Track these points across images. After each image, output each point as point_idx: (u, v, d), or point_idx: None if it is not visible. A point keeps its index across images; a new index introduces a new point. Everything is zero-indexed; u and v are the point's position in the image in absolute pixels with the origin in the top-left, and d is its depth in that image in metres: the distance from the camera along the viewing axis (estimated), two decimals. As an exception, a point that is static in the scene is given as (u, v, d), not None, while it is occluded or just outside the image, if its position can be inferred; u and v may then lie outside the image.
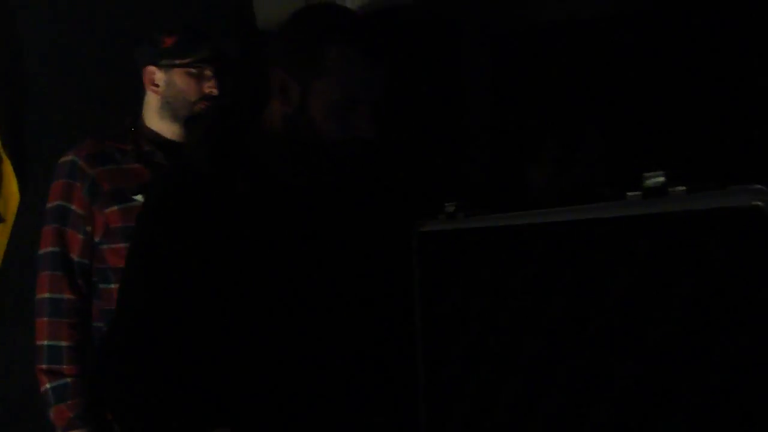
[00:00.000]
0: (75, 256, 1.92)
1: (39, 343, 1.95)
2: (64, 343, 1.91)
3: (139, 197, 1.83)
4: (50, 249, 1.94)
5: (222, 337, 1.52)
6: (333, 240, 1.55)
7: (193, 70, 1.90)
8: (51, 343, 1.93)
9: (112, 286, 1.88)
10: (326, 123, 1.44)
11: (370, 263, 1.57)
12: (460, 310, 1.03)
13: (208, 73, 1.90)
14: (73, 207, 1.92)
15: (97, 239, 1.89)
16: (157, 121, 1.96)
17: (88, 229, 1.90)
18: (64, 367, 1.90)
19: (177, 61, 1.91)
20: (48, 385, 1.92)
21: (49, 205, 1.95)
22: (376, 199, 1.62)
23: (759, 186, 0.70)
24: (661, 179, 0.76)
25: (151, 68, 1.94)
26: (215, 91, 1.89)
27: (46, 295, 1.94)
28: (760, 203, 0.71)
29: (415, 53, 1.90)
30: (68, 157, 1.95)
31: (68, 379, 1.90)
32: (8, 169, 2.27)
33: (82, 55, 2.32)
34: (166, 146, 1.92)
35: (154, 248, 1.54)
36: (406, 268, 1.58)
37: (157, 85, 1.94)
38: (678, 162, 0.80)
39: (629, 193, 0.80)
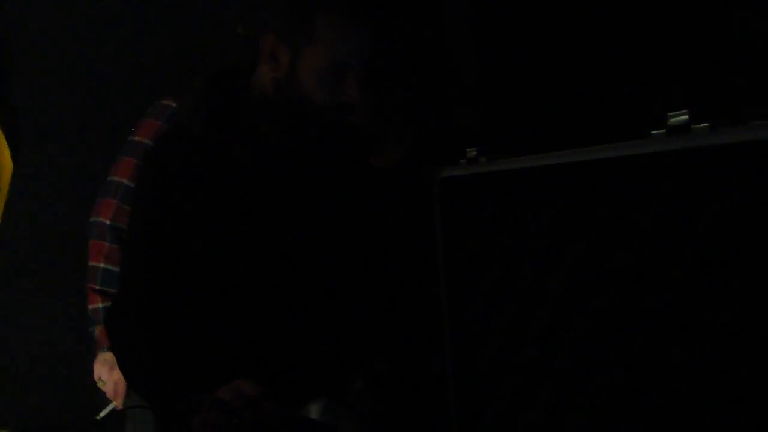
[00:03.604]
0: None
1: (94, 264, 1.99)
2: (118, 269, 1.95)
3: None
4: (125, 181, 1.97)
5: (222, 296, 1.56)
6: (322, 201, 1.59)
7: None
8: (107, 266, 1.97)
9: None
10: (315, 88, 1.48)
11: (358, 225, 1.62)
12: (483, 253, 1.08)
13: None
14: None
15: None
16: None
17: None
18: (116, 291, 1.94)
19: None
20: (100, 305, 1.97)
21: (131, 138, 1.98)
22: (364, 162, 1.66)
23: (780, 120, 0.75)
24: (685, 117, 0.81)
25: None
26: None
27: (108, 222, 1.98)
28: (779, 136, 0.75)
29: (403, 17, 1.92)
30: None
31: None
32: (0, 138, 2.27)
33: (77, 25, 2.31)
34: None
35: (152, 210, 1.58)
36: (392, 228, 1.63)
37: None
38: (702, 100, 0.84)
39: (653, 132, 0.84)
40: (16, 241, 2.36)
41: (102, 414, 2.05)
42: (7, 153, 2.29)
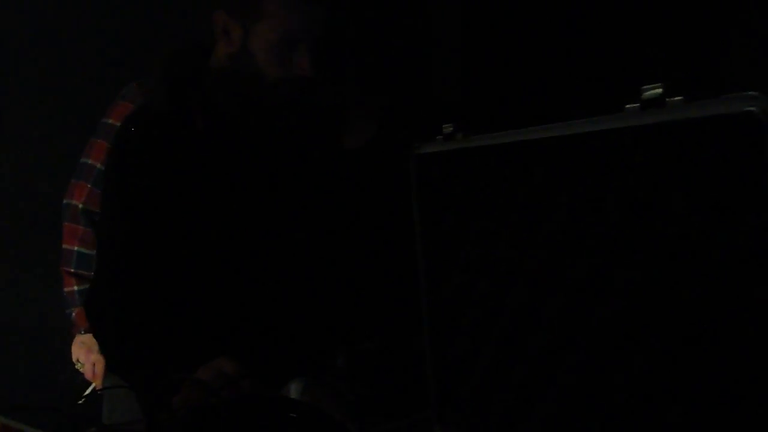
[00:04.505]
0: None
1: (68, 247, 1.99)
2: (94, 252, 1.95)
3: None
4: (97, 165, 1.97)
5: (198, 274, 1.56)
6: (292, 175, 1.60)
7: None
8: (81, 249, 1.97)
9: None
10: (267, 63, 1.49)
11: (332, 200, 1.62)
12: (460, 230, 1.07)
13: None
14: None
15: None
16: None
17: None
18: (92, 273, 1.94)
19: None
20: (75, 287, 1.96)
21: (104, 120, 1.97)
22: (321, 133, 1.66)
23: (754, 93, 0.74)
24: (659, 91, 0.81)
25: None
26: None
27: (81, 205, 1.97)
28: (753, 108, 0.75)
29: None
30: None
31: None
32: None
33: (49, 7, 2.28)
34: None
35: (122, 190, 1.58)
36: (368, 205, 1.63)
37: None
38: (678, 75, 0.84)
39: (628, 106, 0.84)
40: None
41: (84, 395, 2.06)
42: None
